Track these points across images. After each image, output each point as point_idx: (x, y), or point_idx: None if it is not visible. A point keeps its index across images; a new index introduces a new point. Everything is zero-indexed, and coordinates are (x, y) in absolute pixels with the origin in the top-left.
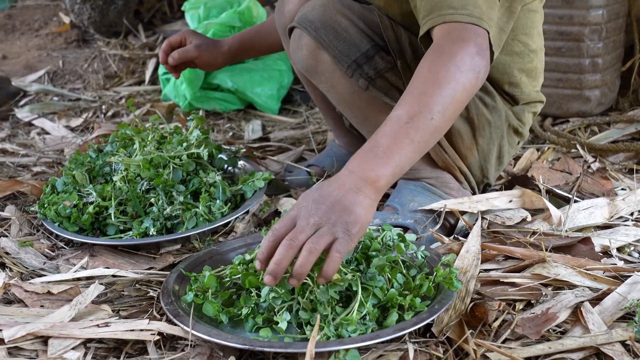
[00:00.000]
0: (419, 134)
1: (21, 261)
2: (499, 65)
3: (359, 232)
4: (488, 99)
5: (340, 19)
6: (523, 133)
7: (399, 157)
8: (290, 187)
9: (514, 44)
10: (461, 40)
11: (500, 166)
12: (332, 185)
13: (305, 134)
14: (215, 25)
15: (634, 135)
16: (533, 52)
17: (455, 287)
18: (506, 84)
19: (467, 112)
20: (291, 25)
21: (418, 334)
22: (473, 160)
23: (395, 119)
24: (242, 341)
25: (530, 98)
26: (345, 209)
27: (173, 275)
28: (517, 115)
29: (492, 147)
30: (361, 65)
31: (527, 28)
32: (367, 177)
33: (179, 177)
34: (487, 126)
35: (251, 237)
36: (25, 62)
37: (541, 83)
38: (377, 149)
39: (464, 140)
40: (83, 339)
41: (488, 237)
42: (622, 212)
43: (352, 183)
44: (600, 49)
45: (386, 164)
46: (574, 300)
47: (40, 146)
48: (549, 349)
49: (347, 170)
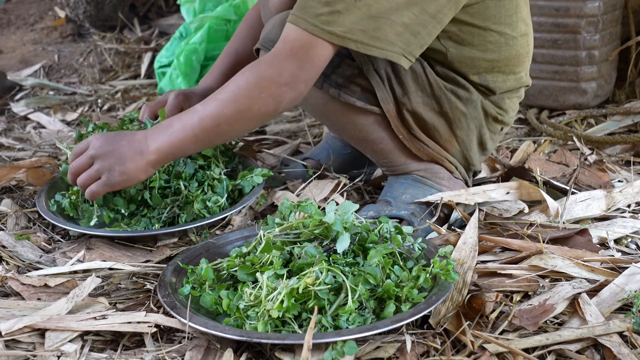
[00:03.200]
0: (203, 134)
1: (18, 254)
2: (465, 59)
3: (120, 182)
4: (461, 91)
5: None
6: (505, 120)
7: (180, 144)
8: (286, 180)
9: (486, 35)
10: (284, 59)
11: (485, 152)
12: (127, 137)
13: (301, 127)
14: (210, 18)
15: (630, 127)
16: (513, 39)
17: (452, 278)
18: (475, 75)
19: (439, 107)
20: (256, 47)
21: (415, 325)
22: (455, 151)
23: (194, 111)
24: (240, 333)
25: (508, 87)
26: (121, 160)
27: (170, 267)
28: (495, 104)
29: (471, 137)
30: (329, 76)
31: (502, 17)
32: (152, 145)
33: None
34: (463, 118)
35: (248, 230)
36: (21, 56)
37: (527, 67)
38: (170, 128)
39: (442, 134)
40: (80, 331)
41: (485, 228)
42: (619, 204)
43: (140, 144)
44: (596, 41)
45: (169, 144)
46: (571, 291)
47: (36, 140)
48: (547, 340)
49: (145, 133)
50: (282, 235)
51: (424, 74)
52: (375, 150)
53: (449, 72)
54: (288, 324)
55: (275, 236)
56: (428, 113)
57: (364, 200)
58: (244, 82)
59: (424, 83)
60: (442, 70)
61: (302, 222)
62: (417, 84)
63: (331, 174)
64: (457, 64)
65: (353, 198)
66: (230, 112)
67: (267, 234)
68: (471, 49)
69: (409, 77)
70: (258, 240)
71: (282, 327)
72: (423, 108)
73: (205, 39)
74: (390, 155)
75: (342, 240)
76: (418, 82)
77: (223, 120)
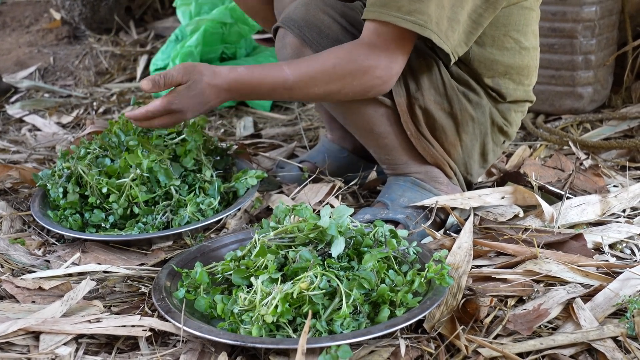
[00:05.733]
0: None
1: (11, 258)
2: (485, 60)
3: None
4: (472, 94)
5: (323, 17)
6: (509, 132)
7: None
8: (282, 184)
9: (505, 40)
10: (381, 52)
11: (485, 164)
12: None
13: (297, 131)
14: (206, 21)
15: (626, 132)
16: (525, 49)
17: (447, 283)
18: (490, 78)
19: (450, 107)
20: (275, 25)
21: (410, 329)
22: (457, 156)
23: (282, 77)
24: (234, 337)
25: (517, 96)
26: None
27: (164, 271)
28: (502, 114)
29: (475, 144)
30: None
31: (520, 25)
32: (238, 97)
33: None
34: (471, 122)
35: (243, 233)
36: (16, 58)
37: (534, 83)
38: (258, 89)
39: (448, 136)
40: (74, 334)
41: (480, 233)
42: (614, 209)
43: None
44: (593, 46)
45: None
46: (565, 296)
47: (31, 143)
48: (541, 344)
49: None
50: (276, 239)
51: (438, 73)
52: (379, 144)
53: (462, 74)
54: (282, 328)
55: (270, 240)
56: (438, 112)
57: (359, 204)
58: (340, 68)
59: (438, 82)
60: (456, 72)
61: (297, 226)
62: (431, 82)
63: (326, 177)
64: (477, 63)
65: (348, 201)
66: (320, 91)
67: (261, 237)
68: (491, 50)
69: (424, 74)
70: (253, 244)
71: (276, 332)
72: (434, 106)
73: (201, 41)
74: (394, 152)
75: (336, 244)
76: (432, 80)
77: (311, 96)
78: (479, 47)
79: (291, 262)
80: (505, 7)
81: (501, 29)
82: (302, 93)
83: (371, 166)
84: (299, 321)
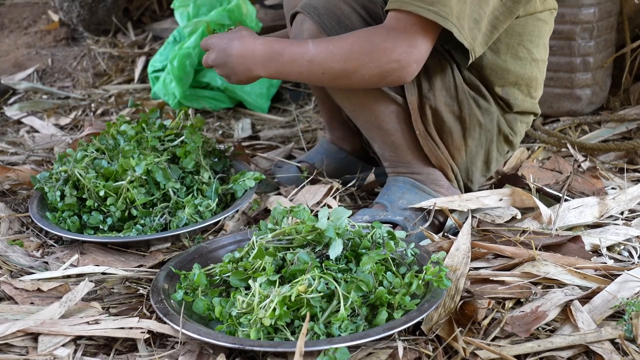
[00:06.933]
0: (308, 73)
1: (10, 259)
2: (497, 68)
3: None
4: (482, 101)
5: (343, 7)
6: (513, 142)
7: (285, 74)
8: (279, 185)
9: (518, 49)
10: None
11: (487, 172)
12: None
13: (294, 133)
14: (204, 23)
15: (624, 134)
16: (535, 61)
17: (445, 285)
18: (500, 87)
19: (459, 111)
20: (294, 10)
21: (407, 332)
22: (460, 161)
23: (305, 50)
24: (232, 340)
25: (524, 107)
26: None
27: (162, 273)
28: (509, 123)
29: (479, 150)
30: None
31: (534, 36)
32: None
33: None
34: (478, 128)
35: (241, 235)
36: (14, 60)
37: (539, 95)
38: (280, 58)
39: (454, 139)
40: (73, 336)
41: (478, 235)
42: (612, 211)
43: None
44: (591, 48)
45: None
46: (563, 298)
47: (29, 144)
48: (538, 347)
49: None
50: (274, 241)
51: (451, 75)
52: (386, 141)
53: (474, 79)
54: (280, 330)
55: (267, 242)
56: (447, 114)
57: (357, 205)
58: (358, 45)
59: (450, 84)
60: (468, 77)
61: (294, 228)
62: (444, 84)
63: (324, 178)
64: (489, 70)
65: (346, 203)
66: (338, 67)
67: (259, 239)
68: (505, 58)
69: (437, 75)
70: (251, 245)
71: (274, 334)
72: (444, 108)
73: (199, 43)
74: (399, 151)
75: (334, 246)
76: (444, 82)
77: (329, 72)
78: (493, 54)
79: (289, 264)
80: (521, 17)
81: (516, 38)
82: (321, 68)
83: (369, 168)
84: (297, 324)
